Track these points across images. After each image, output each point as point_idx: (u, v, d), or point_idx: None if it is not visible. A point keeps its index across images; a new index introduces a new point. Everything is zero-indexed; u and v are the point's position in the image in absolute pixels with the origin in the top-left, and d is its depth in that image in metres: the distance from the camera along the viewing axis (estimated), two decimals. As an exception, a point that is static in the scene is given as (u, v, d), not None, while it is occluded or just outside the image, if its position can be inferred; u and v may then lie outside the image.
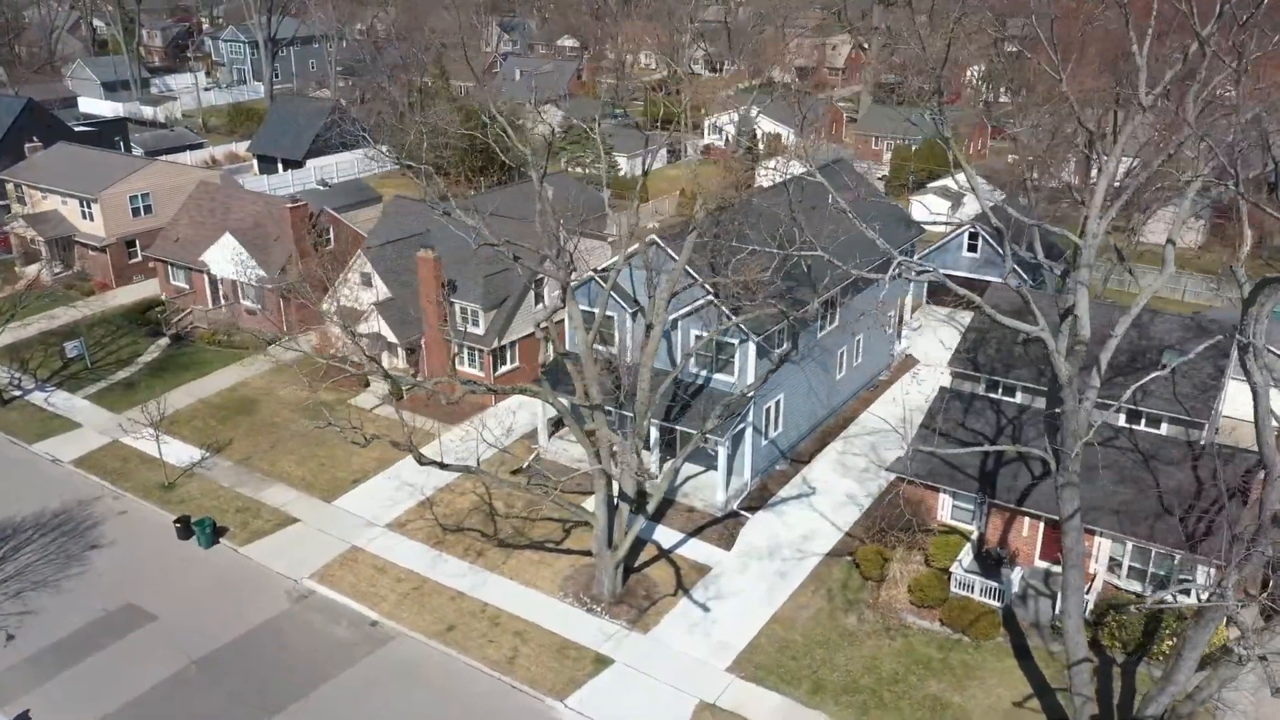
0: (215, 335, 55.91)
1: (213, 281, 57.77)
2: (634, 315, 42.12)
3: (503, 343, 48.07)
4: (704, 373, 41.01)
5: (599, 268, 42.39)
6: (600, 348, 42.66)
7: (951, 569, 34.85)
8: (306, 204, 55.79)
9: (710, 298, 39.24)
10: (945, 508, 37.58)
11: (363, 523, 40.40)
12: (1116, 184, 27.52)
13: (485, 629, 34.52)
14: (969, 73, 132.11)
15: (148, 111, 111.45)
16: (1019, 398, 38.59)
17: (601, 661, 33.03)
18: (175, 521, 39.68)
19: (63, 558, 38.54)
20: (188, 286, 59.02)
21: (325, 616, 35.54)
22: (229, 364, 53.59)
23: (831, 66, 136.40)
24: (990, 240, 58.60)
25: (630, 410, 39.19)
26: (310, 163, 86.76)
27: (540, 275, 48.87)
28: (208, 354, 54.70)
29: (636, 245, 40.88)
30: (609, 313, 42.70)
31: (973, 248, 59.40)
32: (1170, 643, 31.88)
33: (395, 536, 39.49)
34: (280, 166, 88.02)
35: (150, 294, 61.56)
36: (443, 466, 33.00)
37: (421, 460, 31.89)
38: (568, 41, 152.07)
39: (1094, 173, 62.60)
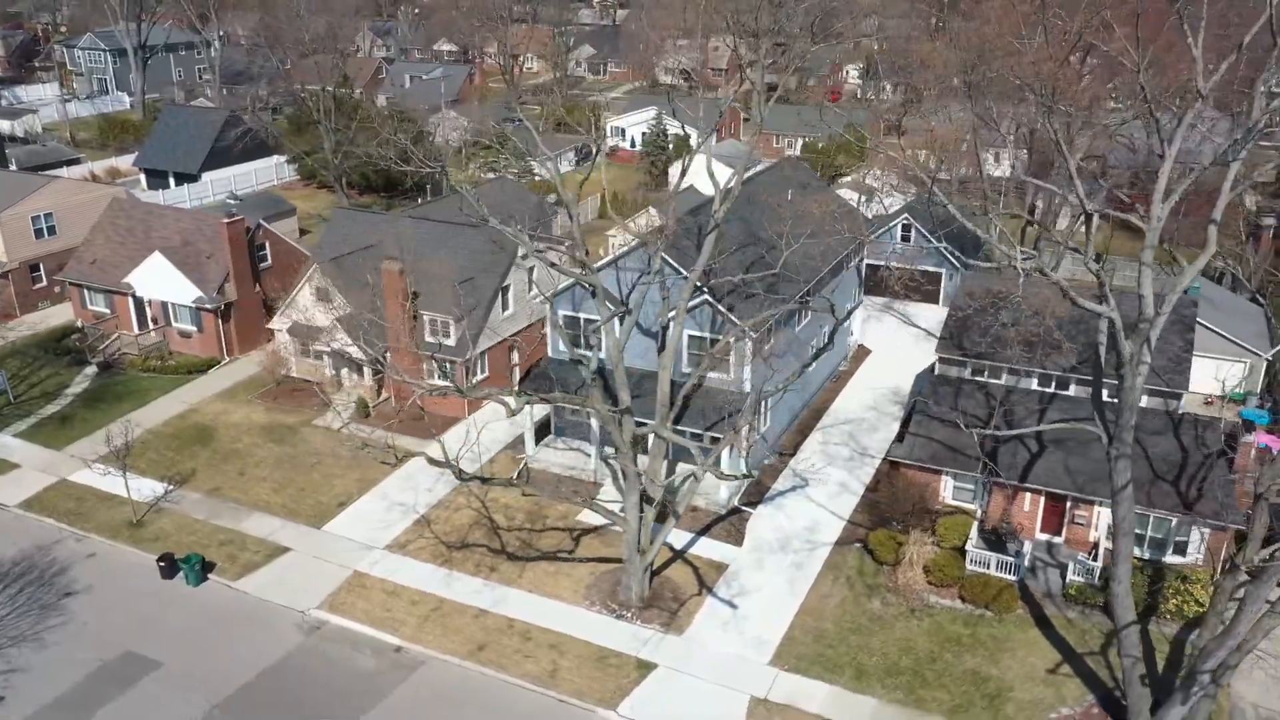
0: (148, 361, 52.61)
1: (139, 304, 54.31)
2: (620, 319, 41.87)
3: (475, 352, 47.01)
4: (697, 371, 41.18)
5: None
6: (587, 353, 42.37)
7: (967, 548, 36.15)
8: (243, 219, 53.13)
9: (706, 297, 39.61)
10: (947, 489, 38.96)
11: (359, 546, 38.86)
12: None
13: (518, 644, 33.79)
14: (846, 71, 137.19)
15: (4, 125, 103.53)
16: (1004, 379, 40.31)
17: (644, 667, 32.83)
18: (159, 560, 37.23)
19: (37, 609, 35.62)
20: (109, 311, 55.31)
21: (344, 646, 34.06)
22: (170, 390, 50.53)
23: (715, 67, 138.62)
24: (924, 232, 60.98)
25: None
26: (206, 176, 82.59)
27: (505, 284, 48.30)
28: (144, 381, 51.40)
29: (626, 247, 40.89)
30: (594, 317, 42.47)
31: (906, 238, 61.69)
32: (1175, 601, 33.96)
33: (399, 558, 38.15)
34: (172, 181, 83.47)
35: (64, 321, 57.41)
36: (484, 481, 32.12)
37: (463, 476, 30.93)
38: (446, 46, 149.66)
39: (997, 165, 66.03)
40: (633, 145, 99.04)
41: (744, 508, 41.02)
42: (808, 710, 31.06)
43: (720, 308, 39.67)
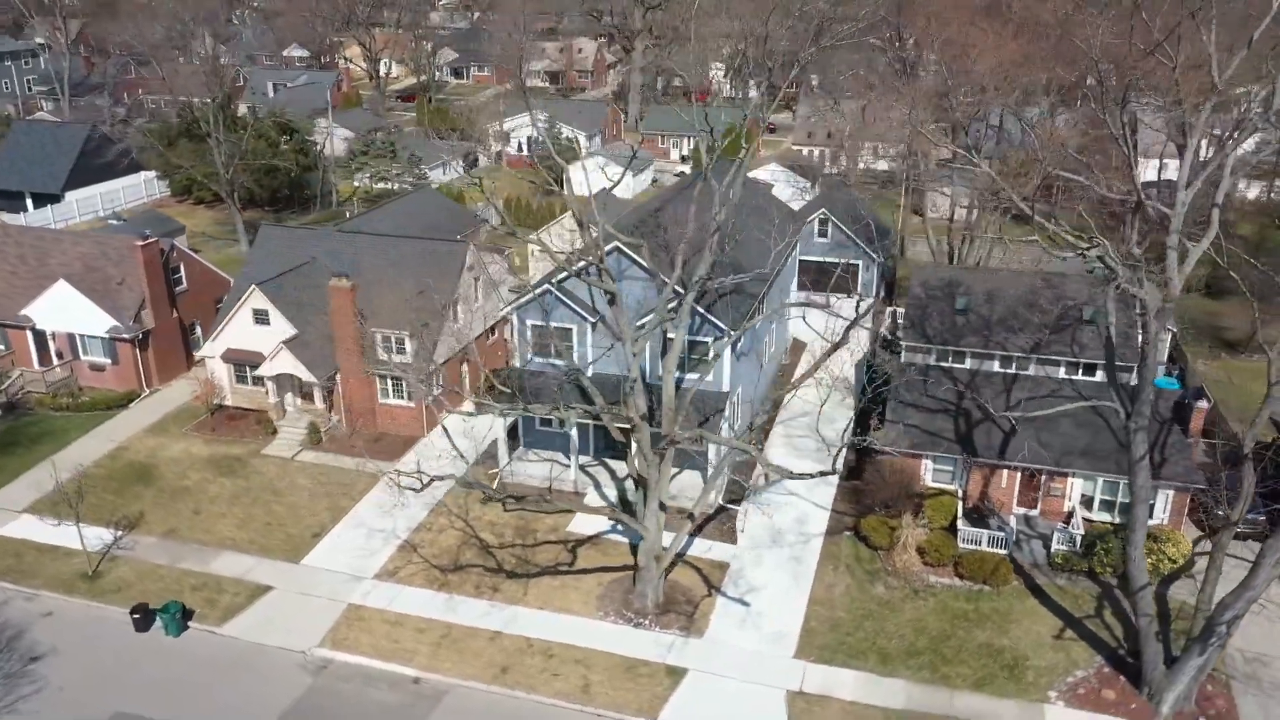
0: (58, 398, 48.53)
1: (39, 338, 49.99)
2: (594, 326, 41.58)
3: (432, 368, 45.58)
4: (677, 373, 41.25)
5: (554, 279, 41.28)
6: (559, 362, 41.87)
7: (958, 526, 37.68)
8: (158, 240, 49.68)
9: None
10: (928, 472, 40.44)
11: (347, 578, 37.12)
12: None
13: (542, 663, 33.07)
14: (713, 70, 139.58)
15: None
16: (968, 363, 42.14)
17: (674, 672, 32.73)
18: (132, 612, 34.47)
19: (1, 678, 32.38)
20: (3, 347, 50.66)
21: (358, 683, 32.49)
22: (90, 428, 46.76)
23: (580, 69, 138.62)
24: (841, 227, 62.93)
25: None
26: (70, 195, 76.79)
27: (456, 296, 47.02)
28: (58, 420, 47.38)
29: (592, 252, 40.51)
30: (568, 325, 41.98)
31: (824, 234, 63.51)
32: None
33: (392, 586, 36.65)
34: (30, 202, 77.20)
35: (-52, 360, 52.23)
36: (518, 500, 31.21)
37: (493, 497, 29.96)
38: (297, 51, 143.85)
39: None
40: (519, 150, 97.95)
41: (729, 505, 41.39)
42: (844, 698, 31.70)
43: (700, 309, 39.89)
